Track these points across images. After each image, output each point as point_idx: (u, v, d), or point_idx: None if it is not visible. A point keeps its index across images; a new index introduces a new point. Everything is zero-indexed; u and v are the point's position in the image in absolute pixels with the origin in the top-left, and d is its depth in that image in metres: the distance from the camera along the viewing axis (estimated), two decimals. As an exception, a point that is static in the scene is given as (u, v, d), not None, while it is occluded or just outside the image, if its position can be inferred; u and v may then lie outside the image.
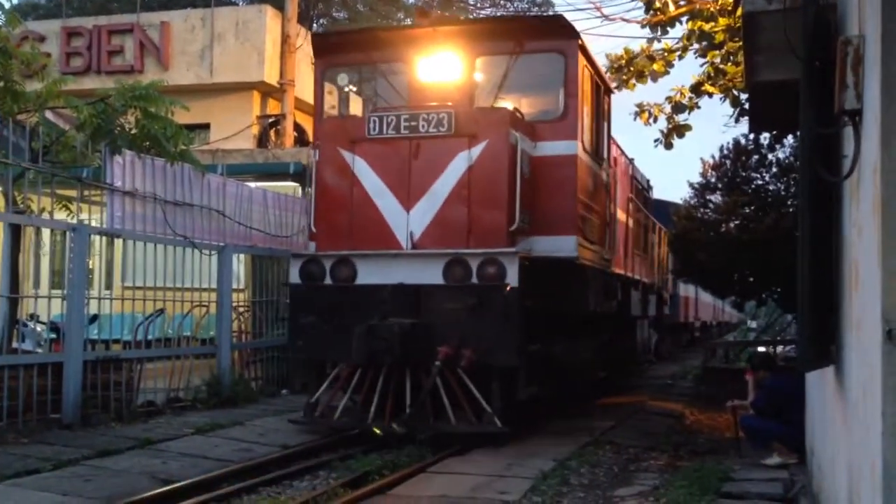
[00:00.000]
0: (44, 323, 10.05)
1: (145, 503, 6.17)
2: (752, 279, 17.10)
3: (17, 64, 9.87)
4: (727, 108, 11.17)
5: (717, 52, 10.69)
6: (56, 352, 9.37)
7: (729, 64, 10.68)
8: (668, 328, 21.65)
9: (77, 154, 10.04)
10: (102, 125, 10.07)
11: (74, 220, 9.91)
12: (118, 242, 10.35)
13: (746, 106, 9.84)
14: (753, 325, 40.17)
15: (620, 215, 12.65)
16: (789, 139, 15.70)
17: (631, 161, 14.32)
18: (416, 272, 8.64)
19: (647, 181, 17.17)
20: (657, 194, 20.62)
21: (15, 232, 9.28)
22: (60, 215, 10.22)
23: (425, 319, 8.47)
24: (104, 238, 10.13)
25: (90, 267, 10.00)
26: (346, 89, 10.89)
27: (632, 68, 11.31)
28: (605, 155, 11.19)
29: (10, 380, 8.32)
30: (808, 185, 4.62)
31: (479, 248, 8.55)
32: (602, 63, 11.40)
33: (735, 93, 10.86)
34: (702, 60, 10.98)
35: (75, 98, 10.31)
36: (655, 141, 11.87)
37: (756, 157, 16.83)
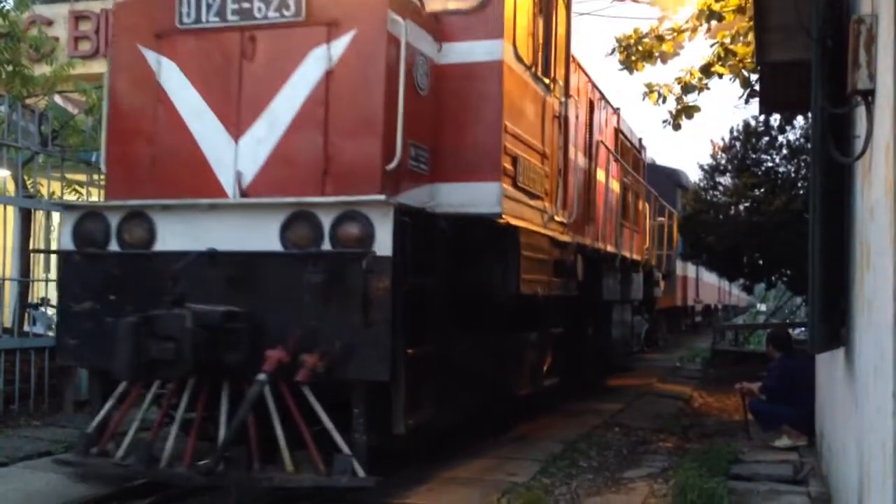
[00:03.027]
0: (54, 307, 10.08)
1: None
2: (761, 261, 17.07)
3: (25, 48, 9.88)
4: (737, 90, 11.09)
5: (727, 32, 10.60)
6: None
7: (739, 44, 10.61)
8: (662, 313, 19.09)
9: (86, 138, 10.06)
10: (111, 109, 10.08)
11: (84, 204, 9.92)
12: (127, 226, 10.36)
13: (756, 87, 9.78)
14: (763, 307, 40.15)
15: (593, 170, 9.89)
16: (799, 121, 15.66)
17: (616, 111, 11.94)
18: (242, 233, 5.76)
19: (640, 140, 14.54)
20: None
21: (25, 216, 9.32)
22: (70, 199, 10.23)
23: (249, 306, 5.61)
24: (114, 222, 10.14)
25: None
26: None
27: (640, 48, 11.16)
28: (560, 78, 8.17)
29: (22, 363, 8.39)
30: (819, 166, 4.60)
31: (337, 196, 5.72)
32: (611, 44, 11.22)
33: (745, 73, 10.79)
34: (711, 41, 10.91)
35: (84, 82, 10.32)
36: (664, 122, 11.81)
37: (766, 138, 16.79)
